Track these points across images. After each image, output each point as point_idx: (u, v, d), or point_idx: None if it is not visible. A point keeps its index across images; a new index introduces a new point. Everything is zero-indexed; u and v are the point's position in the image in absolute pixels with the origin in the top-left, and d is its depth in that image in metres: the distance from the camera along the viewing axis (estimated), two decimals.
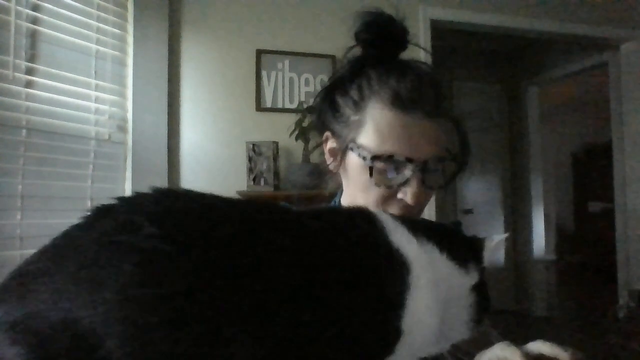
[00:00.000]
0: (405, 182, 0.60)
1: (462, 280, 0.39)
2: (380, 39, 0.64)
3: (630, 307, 2.65)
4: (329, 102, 0.67)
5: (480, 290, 0.41)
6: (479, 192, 4.03)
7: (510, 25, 2.70)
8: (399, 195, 0.61)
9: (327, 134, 0.69)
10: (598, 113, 4.63)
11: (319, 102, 0.70)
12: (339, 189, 0.78)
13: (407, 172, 0.59)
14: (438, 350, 0.41)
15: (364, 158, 0.60)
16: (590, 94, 4.95)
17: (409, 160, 0.58)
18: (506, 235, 0.45)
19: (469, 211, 3.97)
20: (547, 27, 2.77)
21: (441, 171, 0.63)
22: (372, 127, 0.61)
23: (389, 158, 0.59)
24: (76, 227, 0.35)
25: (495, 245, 0.43)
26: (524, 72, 4.03)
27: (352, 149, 0.63)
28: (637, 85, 2.96)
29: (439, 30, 2.55)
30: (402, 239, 0.37)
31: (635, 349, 2.47)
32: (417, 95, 0.59)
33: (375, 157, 0.59)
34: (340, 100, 0.66)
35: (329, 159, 0.70)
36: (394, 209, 0.61)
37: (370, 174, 0.60)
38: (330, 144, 0.69)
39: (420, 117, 0.59)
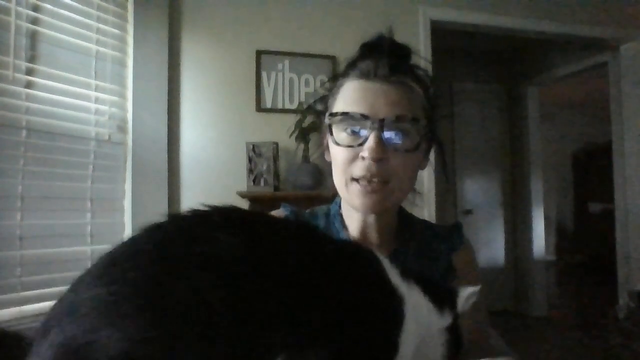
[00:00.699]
0: (364, 141, 0.62)
1: (438, 321, 0.47)
2: (374, 50, 0.68)
3: (630, 307, 2.65)
4: (324, 104, 0.73)
5: (453, 331, 0.47)
6: (479, 192, 4.03)
7: (510, 26, 2.70)
8: (361, 154, 0.63)
9: (323, 130, 0.73)
10: (598, 113, 4.64)
11: (319, 105, 0.76)
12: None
13: (364, 131, 0.63)
14: None
15: (328, 120, 0.66)
16: (590, 94, 4.95)
17: (364, 116, 0.62)
18: (478, 287, 0.51)
19: (469, 211, 3.97)
20: (547, 27, 2.77)
21: (409, 134, 0.64)
22: (341, 98, 0.67)
23: (345, 114, 0.64)
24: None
25: (468, 295, 0.49)
26: (524, 72, 4.03)
27: (327, 125, 0.68)
28: (637, 85, 2.96)
29: (439, 30, 2.55)
30: (396, 279, 0.46)
31: (635, 349, 2.47)
32: (375, 64, 0.65)
33: (332, 114, 0.66)
34: (329, 98, 0.72)
35: (325, 152, 0.75)
36: (359, 169, 0.63)
37: (331, 132, 0.66)
38: (326, 140, 0.72)
39: (380, 81, 0.64)
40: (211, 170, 2.13)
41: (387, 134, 0.62)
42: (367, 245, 0.71)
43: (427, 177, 2.28)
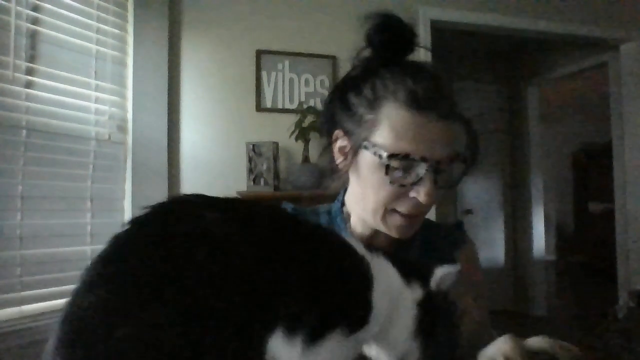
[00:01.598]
0: (418, 181, 0.61)
1: (406, 292, 0.49)
2: (391, 41, 0.66)
3: (630, 307, 2.65)
4: (340, 101, 0.68)
5: (425, 308, 0.49)
6: (479, 192, 4.03)
7: (510, 25, 2.70)
8: (411, 194, 0.63)
9: (338, 132, 0.69)
10: (598, 113, 4.63)
11: (329, 101, 0.71)
12: (341, 188, 0.79)
13: (421, 171, 0.61)
14: (371, 345, 0.49)
15: (380, 156, 0.62)
16: (590, 94, 4.95)
17: (424, 159, 0.60)
18: (456, 267, 0.51)
19: (469, 211, 3.97)
20: (547, 27, 2.77)
21: (451, 172, 0.65)
22: (388, 126, 0.62)
23: (405, 157, 0.60)
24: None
25: (444, 274, 0.50)
26: (524, 72, 4.03)
27: (366, 147, 0.64)
28: (637, 85, 2.96)
29: (439, 30, 2.55)
30: (362, 250, 0.50)
31: (635, 349, 2.47)
32: (433, 96, 0.61)
33: (392, 156, 0.61)
34: (353, 99, 0.66)
35: (338, 158, 0.70)
36: (405, 207, 0.64)
37: (386, 172, 0.62)
38: (341, 142, 0.69)
39: (436, 118, 0.61)
40: (211, 170, 2.13)
41: (439, 176, 0.62)
42: (374, 245, 0.73)
43: None
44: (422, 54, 0.76)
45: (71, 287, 0.37)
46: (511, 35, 2.89)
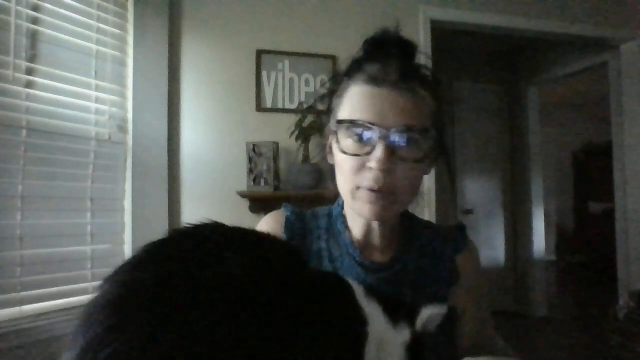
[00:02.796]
0: (371, 150, 0.61)
1: (394, 335, 0.48)
2: (377, 47, 0.67)
3: (630, 307, 2.65)
4: (327, 103, 0.72)
5: (413, 349, 0.48)
6: (479, 192, 4.03)
7: (510, 25, 2.70)
8: (368, 164, 0.62)
9: (326, 132, 0.73)
10: (598, 113, 4.64)
11: (320, 105, 0.74)
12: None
13: (373, 138, 0.61)
14: None
15: (334, 127, 0.65)
16: (590, 94, 4.95)
17: (372, 124, 0.60)
18: (443, 308, 0.51)
19: (469, 211, 3.97)
20: (547, 27, 2.77)
21: (417, 144, 0.62)
22: (347, 103, 0.65)
23: (352, 122, 0.62)
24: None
25: (430, 315, 0.50)
26: (524, 72, 4.03)
27: (332, 130, 0.67)
28: (637, 85, 2.96)
29: (439, 30, 2.55)
30: (363, 301, 0.49)
31: (635, 349, 2.47)
32: (385, 69, 0.63)
33: (339, 122, 0.64)
34: (333, 99, 0.70)
35: (329, 156, 0.73)
36: (366, 180, 0.62)
37: (336, 139, 0.64)
38: (328, 141, 0.72)
39: (388, 88, 0.62)
40: (211, 169, 2.13)
41: (395, 144, 0.61)
42: (368, 249, 0.73)
43: (427, 177, 2.28)
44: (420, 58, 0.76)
45: (71, 287, 0.36)
46: (511, 35, 2.89)
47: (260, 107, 2.21)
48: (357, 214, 0.69)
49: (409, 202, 0.68)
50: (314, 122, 2.09)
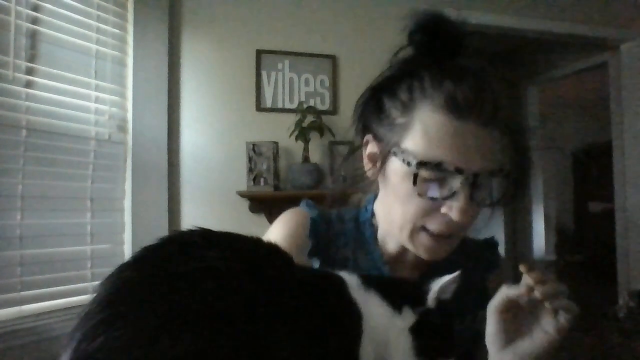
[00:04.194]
0: (452, 195, 0.54)
1: (396, 323, 0.46)
2: (435, 41, 0.59)
3: (630, 307, 2.65)
4: (373, 103, 0.62)
5: (419, 332, 0.46)
6: None
7: (510, 25, 2.70)
8: (443, 210, 0.55)
9: (368, 137, 0.63)
10: (598, 113, 4.63)
11: (361, 102, 0.64)
12: (371, 195, 0.73)
13: (455, 184, 0.53)
14: None
15: (409, 164, 0.55)
16: (590, 94, 4.94)
17: (459, 170, 0.53)
18: (457, 273, 0.48)
19: None
20: (547, 27, 2.77)
21: (491, 188, 0.57)
22: (420, 131, 0.55)
23: (436, 166, 0.53)
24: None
25: (443, 285, 0.47)
26: (524, 72, 4.03)
27: (395, 154, 0.57)
28: (637, 85, 2.96)
29: None
30: (358, 294, 0.47)
31: (635, 349, 2.47)
32: (475, 101, 0.53)
33: (421, 164, 0.53)
34: (387, 102, 0.60)
35: (367, 165, 0.64)
36: (436, 224, 0.56)
37: (414, 182, 0.54)
38: (371, 148, 0.63)
39: (475, 125, 0.53)
40: (211, 169, 2.13)
41: (476, 191, 0.54)
42: (399, 265, 0.68)
43: None
44: None
45: (71, 287, 0.38)
46: (511, 35, 2.89)
47: (260, 107, 2.21)
48: (411, 250, 0.62)
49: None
50: (314, 122, 2.09)
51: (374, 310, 0.47)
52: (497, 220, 4.06)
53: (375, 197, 0.70)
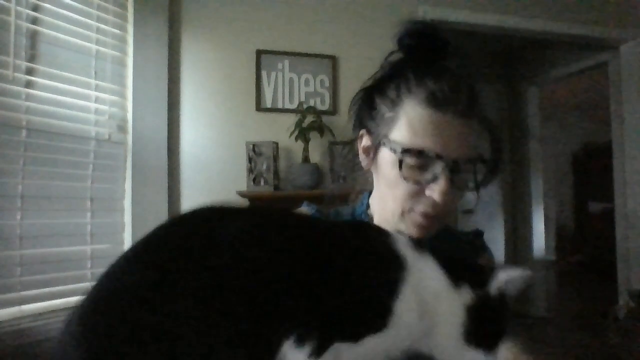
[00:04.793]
0: (434, 179, 0.61)
1: (451, 296, 0.45)
2: (421, 45, 0.66)
3: (630, 307, 2.65)
4: (367, 101, 0.70)
5: (477, 312, 0.45)
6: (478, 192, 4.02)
7: (510, 25, 2.70)
8: (427, 192, 0.62)
9: (362, 132, 0.71)
10: (598, 113, 4.63)
11: (356, 101, 0.72)
12: (366, 191, 0.79)
13: (437, 169, 0.60)
14: (425, 348, 0.46)
15: (395, 151, 0.62)
16: (590, 94, 4.95)
17: (439, 156, 0.60)
18: (528, 272, 0.47)
19: (469, 211, 3.96)
20: (547, 27, 2.77)
21: (472, 174, 0.63)
22: (406, 123, 0.63)
23: (419, 153, 0.60)
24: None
25: (511, 278, 0.47)
26: (524, 72, 4.03)
27: (384, 144, 0.65)
28: (637, 85, 2.96)
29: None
30: (405, 249, 0.47)
31: (635, 349, 2.47)
32: (451, 95, 0.61)
33: (405, 151, 0.61)
34: (377, 99, 0.67)
35: (362, 156, 0.72)
36: (421, 207, 0.63)
37: (400, 167, 0.62)
38: (365, 141, 0.70)
39: (453, 116, 0.60)
40: (211, 170, 2.13)
41: (456, 174, 0.61)
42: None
43: None
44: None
45: (71, 287, 0.38)
46: (511, 35, 2.89)
47: (260, 107, 2.21)
48: (404, 231, 0.68)
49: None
50: (314, 122, 2.09)
51: (426, 271, 0.46)
52: (497, 220, 4.06)
53: (370, 194, 0.77)
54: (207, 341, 0.36)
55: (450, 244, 0.76)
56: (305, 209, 0.78)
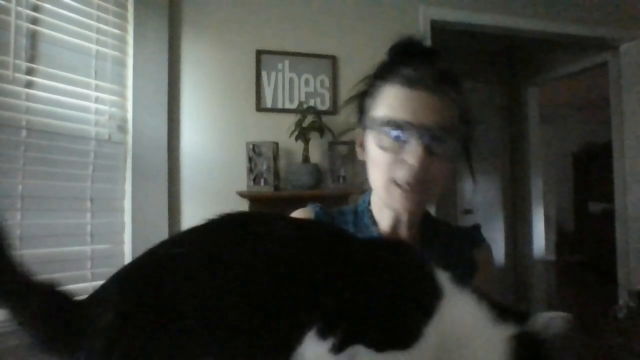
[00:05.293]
0: (408, 145, 0.66)
1: (490, 331, 0.46)
2: (406, 54, 0.73)
3: (630, 307, 2.65)
4: (358, 104, 0.76)
5: (525, 347, 0.45)
6: (479, 192, 4.02)
7: (510, 25, 2.70)
8: (404, 158, 0.67)
9: (357, 130, 0.78)
10: (598, 113, 4.63)
11: (350, 100, 0.79)
12: (367, 189, 0.82)
13: (410, 135, 0.66)
14: None
15: (374, 127, 0.69)
16: (590, 94, 4.95)
17: (410, 124, 0.66)
18: (568, 315, 0.47)
19: (469, 211, 3.97)
20: (547, 27, 2.77)
21: (448, 142, 0.67)
22: (383, 102, 0.70)
23: (394, 123, 0.67)
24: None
25: (546, 321, 0.47)
26: (524, 72, 4.03)
27: (368, 127, 0.72)
28: (637, 85, 2.96)
29: (439, 30, 2.55)
30: (444, 279, 0.49)
31: (635, 348, 2.47)
32: (423, 75, 0.68)
33: (382, 123, 0.68)
34: (366, 99, 0.75)
35: (358, 150, 0.78)
36: (401, 173, 0.67)
37: (373, 137, 0.69)
38: (359, 137, 0.77)
39: (424, 92, 0.67)
40: (211, 169, 2.13)
41: (429, 142, 0.66)
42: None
43: None
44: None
45: (71, 287, 0.39)
46: (511, 35, 2.89)
47: (260, 107, 2.21)
48: (389, 207, 0.74)
49: (437, 196, 0.73)
50: (314, 122, 2.09)
51: (462, 305, 0.47)
52: (497, 220, 4.06)
53: (371, 193, 0.81)
54: (241, 312, 0.39)
55: (452, 239, 0.81)
56: (309, 208, 0.82)
